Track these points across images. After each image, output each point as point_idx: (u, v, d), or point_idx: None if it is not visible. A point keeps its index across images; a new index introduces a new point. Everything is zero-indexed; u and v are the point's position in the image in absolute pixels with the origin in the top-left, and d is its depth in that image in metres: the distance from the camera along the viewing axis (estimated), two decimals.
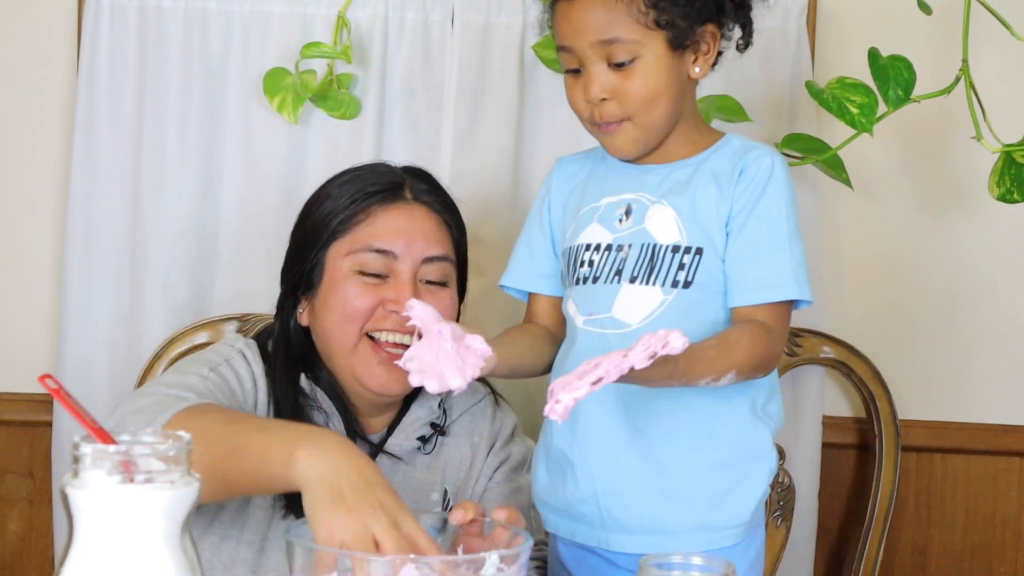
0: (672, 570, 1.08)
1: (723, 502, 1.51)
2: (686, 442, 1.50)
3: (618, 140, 1.52)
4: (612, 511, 1.52)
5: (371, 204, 1.66)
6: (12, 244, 2.20)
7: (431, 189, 1.71)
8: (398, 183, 1.69)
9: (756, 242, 1.48)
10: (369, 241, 1.64)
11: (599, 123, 1.52)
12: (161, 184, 2.10)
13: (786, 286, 1.48)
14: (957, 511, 2.28)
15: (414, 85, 2.13)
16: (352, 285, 1.64)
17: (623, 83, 1.48)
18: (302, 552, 1.19)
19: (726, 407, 1.51)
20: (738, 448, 1.52)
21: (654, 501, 1.51)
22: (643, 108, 1.49)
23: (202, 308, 2.12)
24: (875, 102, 1.92)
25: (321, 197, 1.70)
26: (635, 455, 1.51)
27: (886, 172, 2.23)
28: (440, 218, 1.70)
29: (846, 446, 2.27)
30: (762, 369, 1.46)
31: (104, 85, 2.09)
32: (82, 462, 0.96)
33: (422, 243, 1.66)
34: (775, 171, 1.50)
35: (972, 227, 2.24)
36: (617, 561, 1.55)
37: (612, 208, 1.54)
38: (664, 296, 1.49)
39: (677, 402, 1.49)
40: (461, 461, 1.73)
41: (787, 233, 1.49)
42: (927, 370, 2.27)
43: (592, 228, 1.55)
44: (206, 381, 1.57)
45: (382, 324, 1.63)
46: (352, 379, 1.65)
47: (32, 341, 2.19)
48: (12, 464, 2.20)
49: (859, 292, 2.26)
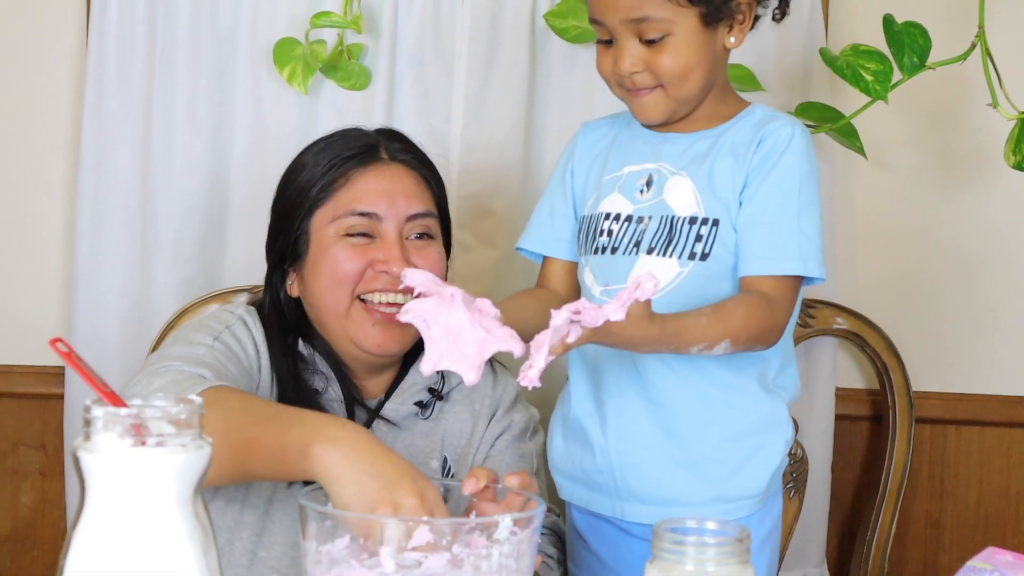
0: (686, 535, 1.07)
1: (738, 473, 1.51)
2: (702, 414, 1.50)
3: (648, 106, 1.51)
4: (628, 482, 1.52)
5: (349, 168, 1.66)
6: (22, 218, 2.20)
7: (405, 147, 1.71)
8: (373, 144, 1.69)
9: (764, 212, 1.46)
10: (351, 205, 1.64)
11: (630, 88, 1.50)
12: (171, 156, 2.09)
13: (790, 260, 1.45)
14: (971, 483, 2.27)
15: (425, 55, 2.12)
16: (340, 249, 1.64)
17: (654, 58, 1.47)
18: (315, 517, 1.18)
19: (740, 379, 1.50)
20: (753, 420, 1.52)
21: (670, 472, 1.51)
22: (676, 81, 1.48)
23: (212, 279, 2.12)
24: (890, 69, 1.91)
25: (297, 168, 1.70)
26: (651, 427, 1.51)
27: (900, 141, 2.22)
28: (418, 174, 1.70)
29: (859, 418, 2.26)
30: (761, 340, 1.44)
31: (113, 56, 2.08)
32: (93, 425, 0.96)
33: (404, 201, 1.66)
34: (793, 142, 1.48)
35: (987, 196, 2.22)
36: (632, 531, 1.55)
37: (634, 178, 1.53)
38: (681, 268, 1.48)
39: (693, 374, 1.49)
40: (461, 429, 1.73)
41: (798, 206, 1.47)
42: (941, 341, 2.26)
43: (613, 198, 1.54)
44: (213, 351, 1.57)
45: (373, 285, 1.63)
46: (348, 343, 1.65)
47: (43, 314, 2.19)
48: (24, 437, 2.20)
49: (873, 263, 2.25)
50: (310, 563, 1.18)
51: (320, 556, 1.17)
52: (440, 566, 1.15)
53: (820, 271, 1.47)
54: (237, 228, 2.11)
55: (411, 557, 1.15)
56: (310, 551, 1.18)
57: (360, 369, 1.69)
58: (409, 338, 1.65)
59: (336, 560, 1.16)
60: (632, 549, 1.55)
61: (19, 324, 2.19)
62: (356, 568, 1.15)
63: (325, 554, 1.17)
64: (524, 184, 2.14)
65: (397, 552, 1.14)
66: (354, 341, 1.65)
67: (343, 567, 1.16)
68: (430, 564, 1.15)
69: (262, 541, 1.61)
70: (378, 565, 1.14)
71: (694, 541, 1.06)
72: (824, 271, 1.48)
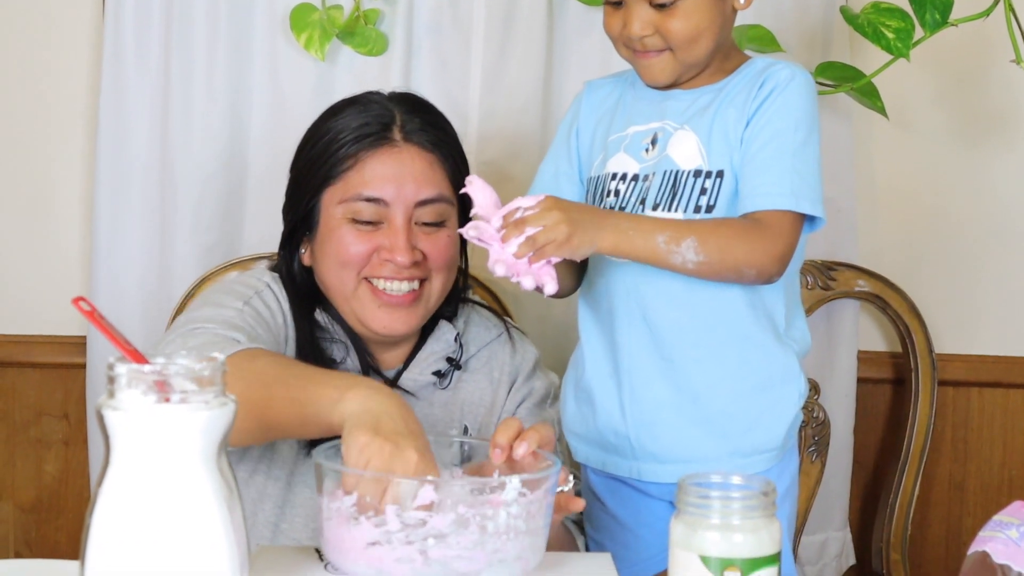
0: (711, 489, 1.07)
1: (754, 428, 1.51)
2: (715, 370, 1.50)
3: (655, 69, 1.50)
4: (643, 441, 1.52)
5: (360, 149, 1.63)
6: (43, 190, 2.20)
7: (422, 126, 1.67)
8: (387, 123, 1.65)
9: (760, 151, 1.45)
10: (359, 190, 1.63)
11: (638, 50, 1.50)
12: (189, 124, 2.09)
13: (782, 196, 1.43)
14: (995, 445, 2.26)
15: (442, 20, 2.11)
16: (346, 232, 1.63)
17: (664, 22, 1.46)
18: (328, 474, 1.20)
19: (755, 332, 1.50)
20: (767, 374, 1.51)
21: (685, 430, 1.51)
22: (685, 45, 1.48)
23: (232, 247, 2.12)
24: (911, 26, 1.89)
25: (316, 135, 1.68)
26: (665, 386, 1.51)
27: (922, 100, 2.20)
28: (432, 156, 1.66)
29: (882, 381, 2.26)
30: (750, 265, 1.41)
31: (130, 26, 2.08)
32: (117, 382, 0.96)
33: (413, 187, 1.63)
34: (792, 83, 1.47)
35: (1011, 155, 2.21)
36: (649, 491, 1.55)
37: (639, 137, 1.53)
38: None
39: (706, 330, 1.49)
40: (481, 397, 1.73)
41: (792, 144, 1.45)
42: (964, 303, 2.25)
43: (619, 157, 1.54)
44: (243, 315, 1.57)
45: (379, 272, 1.63)
46: (356, 321, 1.65)
47: (64, 284, 2.19)
48: (48, 407, 2.21)
49: (894, 224, 2.24)
50: (322, 519, 1.19)
51: (330, 512, 1.18)
52: (445, 525, 1.16)
53: (814, 209, 1.45)
54: (256, 195, 2.11)
55: (416, 516, 1.15)
56: (322, 507, 1.19)
57: (374, 341, 1.69)
58: (416, 319, 1.65)
59: (346, 517, 1.17)
60: (651, 509, 1.55)
61: (40, 294, 2.20)
62: (364, 524, 1.16)
63: (335, 510, 1.18)
64: (543, 149, 2.12)
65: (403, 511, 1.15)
66: (361, 321, 1.65)
67: (351, 524, 1.16)
68: (435, 523, 1.15)
69: (285, 513, 1.62)
70: (384, 523, 1.15)
71: (719, 495, 1.06)
72: (822, 211, 1.46)
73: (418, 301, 1.64)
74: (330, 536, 1.19)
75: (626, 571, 1.45)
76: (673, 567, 1.06)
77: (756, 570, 1.04)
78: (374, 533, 1.15)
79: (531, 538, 1.20)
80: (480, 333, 1.76)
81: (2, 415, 2.20)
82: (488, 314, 1.82)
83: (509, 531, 1.17)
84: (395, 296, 1.62)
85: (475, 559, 1.15)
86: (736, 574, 1.03)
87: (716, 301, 1.48)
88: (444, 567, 1.15)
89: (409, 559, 1.15)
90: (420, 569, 1.14)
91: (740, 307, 1.49)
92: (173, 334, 1.54)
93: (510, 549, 1.17)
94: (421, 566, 1.15)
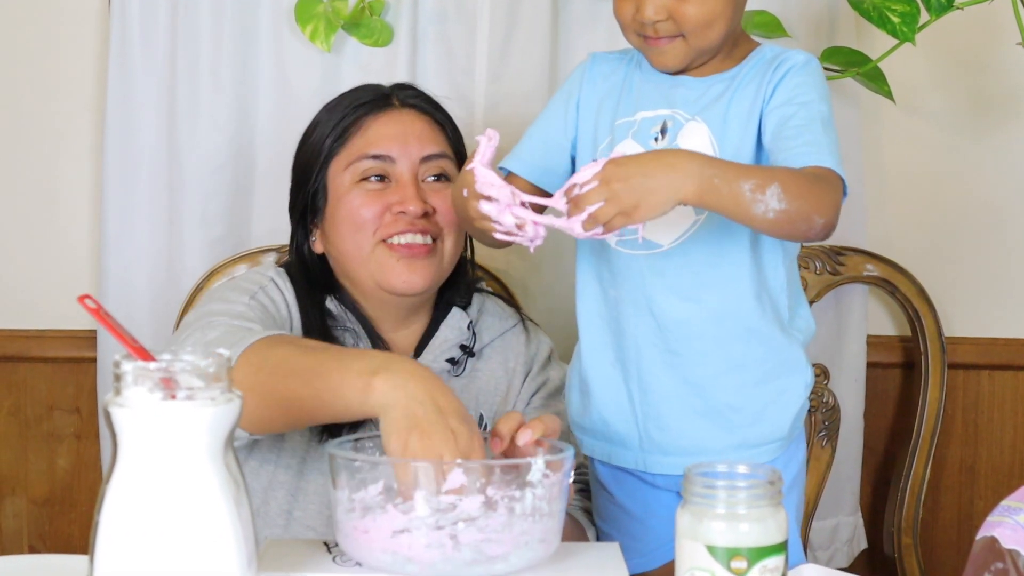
0: (717, 479, 1.07)
1: (761, 419, 1.51)
2: (721, 362, 1.49)
3: (667, 55, 1.48)
4: (650, 433, 1.52)
5: (361, 115, 1.69)
6: (51, 184, 2.20)
7: (418, 94, 1.74)
8: (385, 94, 1.72)
9: (793, 116, 1.42)
10: (364, 149, 1.67)
11: (650, 35, 1.47)
12: (196, 117, 2.09)
13: (828, 155, 1.39)
14: (1005, 427, 2.26)
15: (447, 10, 2.11)
16: (356, 195, 1.66)
17: (679, 7, 1.43)
18: (346, 466, 1.19)
19: (760, 324, 1.49)
20: (773, 365, 1.51)
21: (692, 422, 1.50)
22: (699, 31, 1.45)
23: (241, 240, 2.12)
24: (917, 10, 1.89)
25: (312, 126, 1.74)
26: (671, 378, 1.50)
27: (929, 84, 2.20)
28: (431, 118, 1.72)
29: (891, 365, 2.25)
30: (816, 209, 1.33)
31: (136, 18, 2.08)
32: (123, 380, 0.97)
33: (416, 144, 1.68)
34: (809, 65, 1.47)
35: (1018, 137, 2.20)
36: (656, 482, 1.55)
37: (648, 124, 1.51)
38: (696, 216, 1.46)
39: (712, 324, 1.48)
40: (496, 386, 1.73)
41: (821, 115, 1.43)
42: (973, 286, 2.24)
43: (627, 144, 1.52)
44: (251, 308, 1.58)
45: (393, 228, 1.64)
46: (375, 287, 1.66)
47: (73, 278, 2.19)
48: (59, 401, 2.22)
49: (902, 208, 2.23)
50: (342, 512, 1.18)
51: (353, 504, 1.18)
52: (474, 509, 1.16)
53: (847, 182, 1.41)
54: (264, 187, 2.11)
55: (445, 500, 1.16)
56: (342, 500, 1.18)
57: (389, 320, 1.69)
58: (432, 274, 1.66)
59: (370, 507, 1.17)
60: (659, 499, 1.55)
61: (50, 289, 2.20)
62: (391, 512, 1.16)
63: (359, 501, 1.17)
64: None
65: (432, 496, 1.15)
66: (380, 283, 1.65)
67: (377, 513, 1.16)
68: (464, 507, 1.15)
69: (297, 501, 1.62)
70: (412, 509, 1.15)
71: (725, 485, 1.06)
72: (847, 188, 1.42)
73: (433, 255, 1.66)
74: (351, 529, 1.18)
75: (635, 561, 1.45)
76: (680, 557, 1.07)
77: (763, 559, 1.04)
78: (402, 520, 1.15)
79: (552, 521, 1.20)
80: (494, 322, 1.76)
81: (14, 410, 2.21)
82: (502, 304, 1.82)
83: (535, 513, 1.17)
84: (412, 247, 1.64)
85: (503, 542, 1.15)
86: (743, 563, 1.03)
87: (724, 294, 1.47)
88: (474, 551, 1.14)
89: (439, 544, 1.14)
90: (450, 554, 1.14)
91: (748, 299, 1.48)
92: (188, 329, 1.54)
93: (535, 531, 1.17)
94: (451, 551, 1.14)
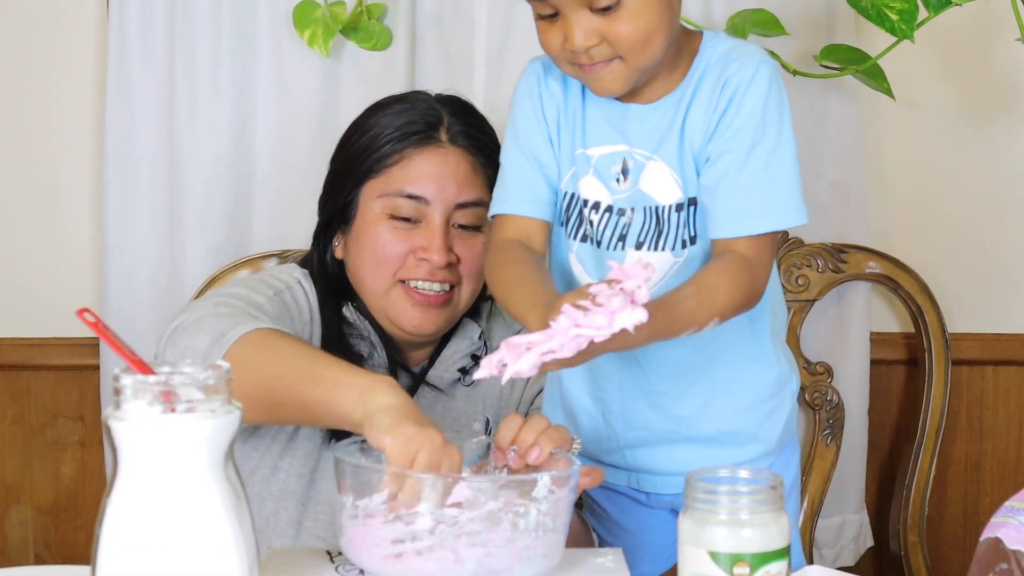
0: (719, 485, 1.06)
1: (753, 439, 1.49)
2: (708, 394, 1.46)
3: (606, 80, 1.35)
4: (639, 460, 1.50)
5: (406, 146, 1.64)
6: (51, 190, 2.20)
7: (467, 129, 1.68)
8: (434, 123, 1.66)
9: (730, 167, 1.34)
10: (401, 185, 1.64)
11: (585, 63, 1.34)
12: (195, 122, 2.09)
13: (761, 217, 1.33)
14: (1011, 423, 2.26)
15: (445, 13, 2.11)
16: (384, 230, 1.64)
17: (610, 27, 1.30)
18: (352, 471, 1.19)
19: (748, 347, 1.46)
20: (761, 386, 1.48)
21: (683, 449, 1.48)
22: (637, 50, 1.32)
23: (242, 245, 2.12)
24: (915, 7, 1.88)
25: (360, 129, 1.69)
26: (658, 416, 1.47)
27: (928, 80, 2.19)
28: (475, 160, 1.67)
29: (895, 362, 2.25)
30: (746, 307, 1.33)
31: (135, 23, 2.07)
32: (123, 394, 0.97)
33: (454, 188, 1.64)
34: (753, 82, 1.34)
35: (1018, 132, 2.20)
36: (650, 502, 1.53)
37: (606, 164, 1.41)
38: (675, 259, 1.40)
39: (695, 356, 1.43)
40: (501, 391, 1.73)
41: (763, 154, 1.33)
42: (976, 282, 2.24)
43: (589, 181, 1.42)
44: (272, 303, 1.60)
45: (414, 273, 1.63)
46: (386, 320, 1.67)
47: (75, 286, 2.19)
48: (63, 408, 2.22)
49: (904, 204, 2.23)
50: (345, 517, 1.19)
51: (356, 510, 1.18)
52: (478, 522, 1.15)
53: (797, 218, 1.35)
54: (264, 192, 2.11)
55: (449, 513, 1.15)
56: (346, 505, 1.19)
57: (402, 339, 1.70)
58: (445, 320, 1.66)
59: (373, 514, 1.17)
60: (653, 514, 1.53)
61: (52, 296, 2.20)
62: (394, 523, 1.16)
63: (362, 508, 1.18)
64: None
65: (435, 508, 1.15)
66: (392, 320, 1.65)
67: (380, 520, 1.16)
68: (468, 520, 1.15)
69: (307, 510, 1.63)
70: (415, 520, 1.15)
71: (727, 490, 1.06)
72: (803, 212, 1.36)
73: (448, 304, 1.65)
74: (354, 535, 1.18)
75: (635, 570, 1.44)
76: (682, 564, 1.06)
77: (766, 564, 1.04)
78: (405, 531, 1.15)
79: (556, 535, 1.20)
80: (503, 331, 1.77)
81: (18, 418, 2.21)
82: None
83: (538, 528, 1.17)
84: (428, 295, 1.63)
85: (506, 556, 1.15)
86: (746, 569, 1.03)
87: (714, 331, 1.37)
88: (476, 565, 1.14)
89: (441, 557, 1.14)
90: (451, 568, 1.14)
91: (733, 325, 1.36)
92: (202, 300, 1.58)
93: (538, 546, 1.18)
94: (453, 564, 1.14)
